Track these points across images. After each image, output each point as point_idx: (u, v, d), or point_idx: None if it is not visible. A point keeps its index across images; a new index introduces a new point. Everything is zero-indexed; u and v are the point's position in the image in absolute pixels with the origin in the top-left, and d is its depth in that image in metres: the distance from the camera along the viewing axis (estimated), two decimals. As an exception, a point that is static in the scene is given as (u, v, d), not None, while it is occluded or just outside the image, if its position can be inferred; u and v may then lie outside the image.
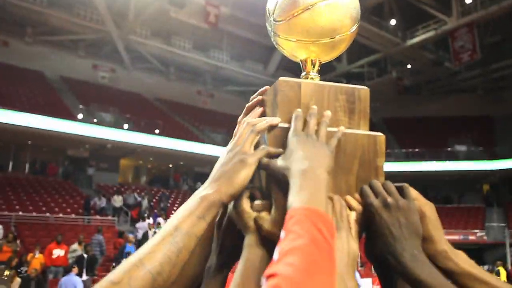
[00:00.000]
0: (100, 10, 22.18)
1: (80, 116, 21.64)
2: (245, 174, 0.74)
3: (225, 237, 0.87)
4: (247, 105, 0.95)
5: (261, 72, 28.57)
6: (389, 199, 0.80)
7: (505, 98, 31.95)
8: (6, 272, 9.48)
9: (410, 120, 31.71)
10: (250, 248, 0.76)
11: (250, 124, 0.81)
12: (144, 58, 26.49)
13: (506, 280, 16.06)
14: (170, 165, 25.95)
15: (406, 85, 30.80)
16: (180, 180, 26.06)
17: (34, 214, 16.70)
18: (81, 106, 22.64)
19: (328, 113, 0.86)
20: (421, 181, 27.72)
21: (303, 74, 0.95)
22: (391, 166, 26.19)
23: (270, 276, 0.49)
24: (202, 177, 25.84)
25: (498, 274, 17.32)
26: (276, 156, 0.79)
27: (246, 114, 0.94)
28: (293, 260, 0.51)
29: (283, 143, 0.79)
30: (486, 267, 20.31)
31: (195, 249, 0.76)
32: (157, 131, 22.81)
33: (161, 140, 22.39)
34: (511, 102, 31.52)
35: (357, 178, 0.88)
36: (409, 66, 29.83)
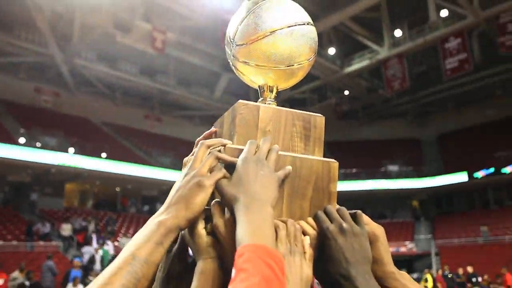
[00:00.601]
0: (42, 32, 21.19)
1: (21, 140, 21.02)
2: (202, 198, 0.72)
3: (173, 264, 0.84)
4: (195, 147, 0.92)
5: (208, 97, 28.75)
6: (345, 225, 0.81)
7: (430, 122, 34.54)
8: None
9: (348, 143, 32.51)
10: (201, 276, 0.74)
11: (204, 145, 0.80)
12: (89, 82, 25.90)
13: (432, 285, 18.55)
14: (117, 189, 25.43)
15: (345, 111, 31.82)
16: (127, 203, 25.72)
17: None
18: (22, 130, 21.81)
19: (277, 146, 0.84)
20: (358, 199, 29.15)
21: (260, 99, 0.95)
22: None
23: None
24: (150, 200, 26.75)
25: (426, 281, 18.51)
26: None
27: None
28: None
29: None
30: (415, 275, 21.55)
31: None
32: (104, 154, 22.23)
33: (108, 164, 22.06)
34: (436, 126, 34.28)
35: (311, 203, 0.88)
36: (346, 92, 30.81)
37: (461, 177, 27.65)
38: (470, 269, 18.70)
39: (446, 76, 24.02)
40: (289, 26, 0.88)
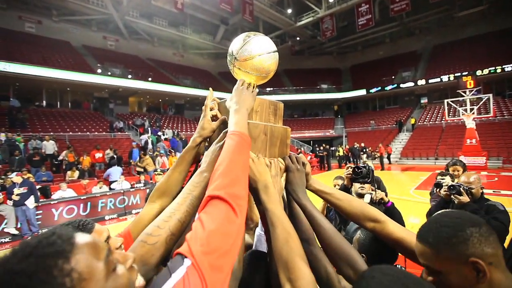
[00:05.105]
0: (103, -1, 20.41)
1: (99, 71, 20.57)
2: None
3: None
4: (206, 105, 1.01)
5: (211, 41, 28.03)
6: (299, 167, 0.94)
7: (347, 58, 34.20)
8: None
9: (298, 70, 32.41)
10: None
11: (208, 106, 0.97)
12: (137, 32, 25.09)
13: (342, 153, 19.89)
14: (160, 100, 25.47)
15: (297, 49, 31.52)
16: (167, 108, 25.98)
17: (79, 133, 16.45)
18: (98, 65, 21.40)
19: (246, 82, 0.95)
20: (303, 105, 30.76)
21: None
22: (288, 97, 27.81)
23: (217, 167, 0.62)
24: (180, 106, 26.61)
25: (339, 151, 20.23)
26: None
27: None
28: (227, 150, 0.66)
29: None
30: (333, 148, 23.40)
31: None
32: (149, 79, 22.24)
33: (152, 85, 21.66)
34: (350, 60, 34.01)
35: (278, 149, 0.98)
36: (298, 38, 30.24)
37: (362, 91, 28.05)
38: (363, 144, 20.41)
39: (358, 29, 23.56)
40: (267, 53, 0.92)
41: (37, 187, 7.67)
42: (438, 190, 2.56)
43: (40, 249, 0.40)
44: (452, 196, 2.25)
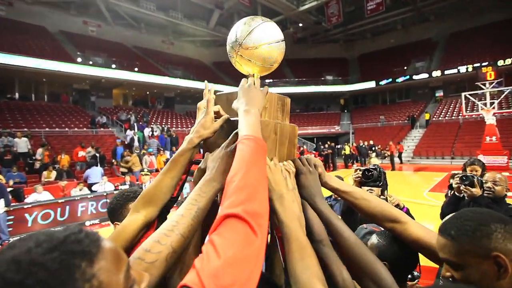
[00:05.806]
0: (84, -22, 20.04)
1: (79, 59, 20.45)
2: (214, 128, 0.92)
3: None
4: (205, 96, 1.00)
5: (205, 27, 27.85)
6: (311, 169, 0.96)
7: (355, 47, 34.24)
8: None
9: (300, 60, 32.05)
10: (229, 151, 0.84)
11: (211, 101, 0.94)
12: (121, 16, 24.71)
13: (349, 152, 19.79)
14: (148, 92, 25.59)
15: (299, 37, 31.42)
16: (155, 102, 26.14)
17: (57, 129, 16.29)
18: (78, 53, 21.30)
19: (259, 78, 0.97)
20: (306, 98, 30.83)
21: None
22: (289, 89, 28.04)
23: (233, 177, 0.61)
24: (169, 100, 26.78)
25: (345, 149, 20.05)
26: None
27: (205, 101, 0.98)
28: (242, 158, 0.64)
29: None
30: (339, 146, 23.20)
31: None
32: (136, 69, 22.20)
33: (139, 76, 21.73)
34: (358, 49, 34.06)
35: (287, 148, 1.00)
36: (300, 24, 30.02)
37: (371, 84, 28.26)
38: (371, 142, 20.52)
39: (367, 15, 23.96)
40: (276, 41, 0.94)
41: (8, 189, 7.56)
42: (451, 192, 2.53)
43: (68, 245, 0.39)
44: (462, 187, 2.22)
